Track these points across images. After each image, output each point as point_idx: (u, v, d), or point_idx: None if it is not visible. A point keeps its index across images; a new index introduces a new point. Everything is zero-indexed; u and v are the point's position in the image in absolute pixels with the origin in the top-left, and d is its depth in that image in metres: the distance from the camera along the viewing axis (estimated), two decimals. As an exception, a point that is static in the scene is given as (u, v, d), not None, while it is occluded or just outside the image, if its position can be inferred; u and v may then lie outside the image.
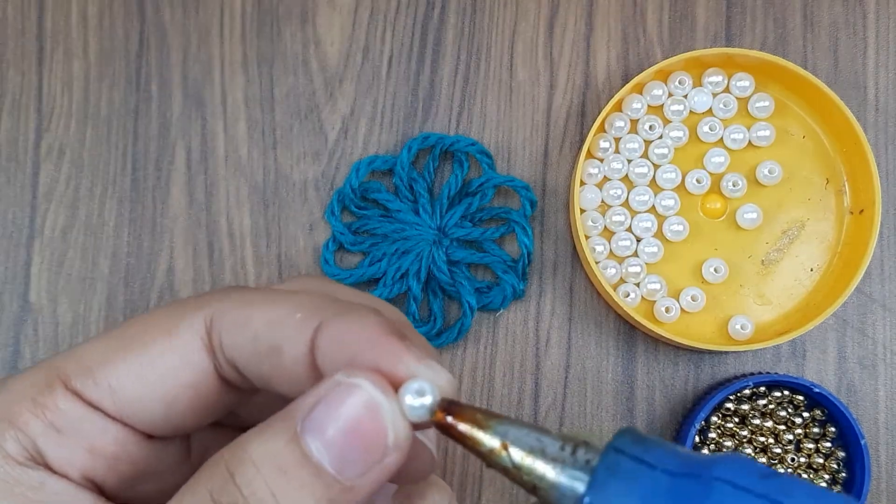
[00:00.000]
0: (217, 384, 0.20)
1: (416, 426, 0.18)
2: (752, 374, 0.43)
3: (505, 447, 0.18)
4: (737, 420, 0.42)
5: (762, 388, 0.42)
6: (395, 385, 0.18)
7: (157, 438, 0.21)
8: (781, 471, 0.41)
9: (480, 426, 0.18)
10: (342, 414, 0.17)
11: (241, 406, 0.22)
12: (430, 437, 0.21)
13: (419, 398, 0.18)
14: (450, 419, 0.18)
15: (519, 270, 0.43)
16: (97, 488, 0.20)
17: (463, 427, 0.18)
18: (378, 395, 0.17)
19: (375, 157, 0.44)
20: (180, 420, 0.20)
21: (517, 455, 0.18)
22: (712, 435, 0.41)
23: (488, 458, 0.18)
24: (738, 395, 0.42)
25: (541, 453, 0.18)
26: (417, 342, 0.19)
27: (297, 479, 0.17)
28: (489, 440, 0.18)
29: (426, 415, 0.18)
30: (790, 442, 0.41)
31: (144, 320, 0.20)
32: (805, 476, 0.41)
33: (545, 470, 0.18)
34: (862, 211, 0.42)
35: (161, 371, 0.20)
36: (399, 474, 0.19)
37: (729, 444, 0.41)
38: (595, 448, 0.18)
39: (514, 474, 0.18)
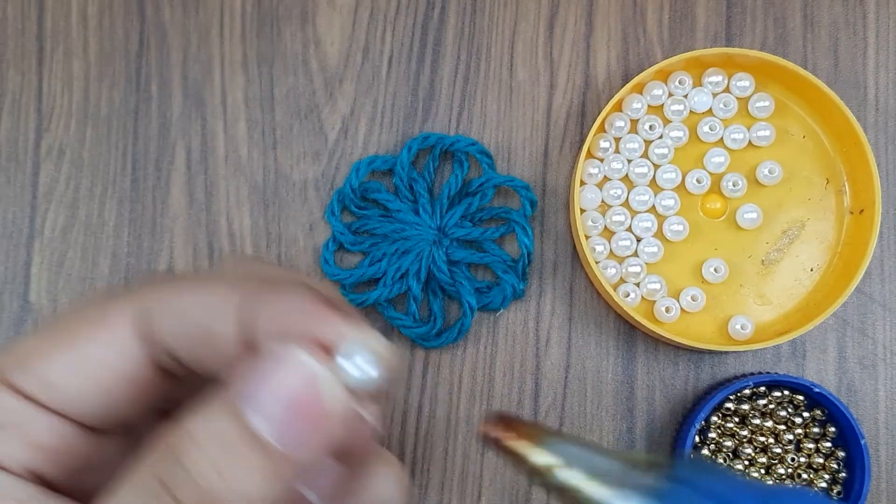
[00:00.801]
0: (154, 373, 0.20)
1: (359, 392, 0.18)
2: (752, 374, 0.43)
3: (559, 467, 0.17)
4: (737, 420, 0.42)
5: (762, 388, 0.42)
6: (333, 354, 0.18)
7: (100, 430, 0.20)
8: (781, 471, 0.41)
9: (534, 442, 0.17)
10: (280, 385, 0.17)
11: (185, 395, 0.22)
12: (370, 410, 0.21)
13: (357, 363, 0.18)
14: (498, 433, 0.17)
15: (519, 270, 0.43)
16: (42, 481, 0.19)
17: (514, 443, 0.17)
18: (312, 363, 0.17)
19: (375, 157, 0.44)
20: (120, 411, 0.20)
21: (574, 476, 0.17)
22: (712, 435, 0.42)
23: (539, 477, 0.17)
24: (738, 395, 0.42)
25: (602, 476, 0.16)
26: (352, 314, 0.19)
27: (240, 454, 0.17)
28: (543, 458, 0.17)
29: (366, 380, 0.18)
30: (790, 442, 0.41)
31: (77, 312, 0.20)
32: (805, 476, 0.41)
33: (604, 495, 0.16)
34: (862, 211, 0.42)
35: (95, 363, 0.19)
36: (342, 448, 0.19)
37: (729, 443, 0.41)
38: (658, 474, 0.16)
39: (568, 495, 0.17)
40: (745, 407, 0.41)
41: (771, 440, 0.42)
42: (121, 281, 0.44)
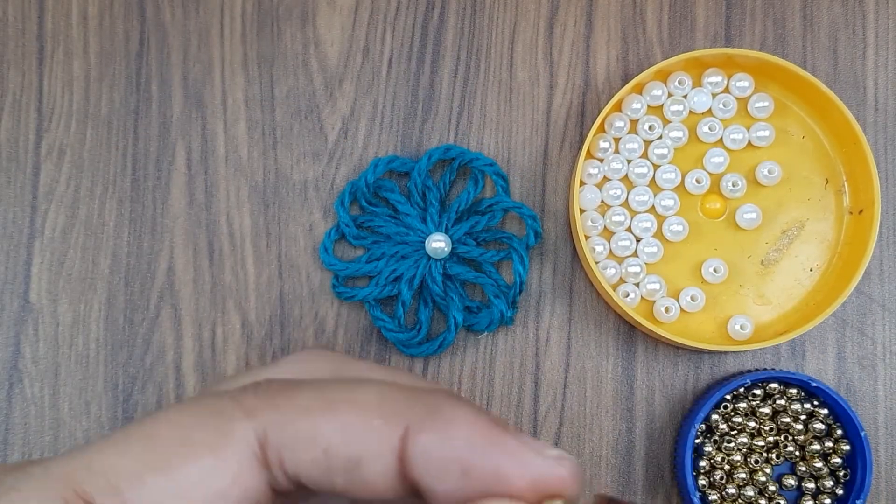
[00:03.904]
0: (271, 496, 0.18)
1: None
2: (749, 371, 0.43)
3: None
4: (738, 419, 0.42)
5: (762, 386, 0.42)
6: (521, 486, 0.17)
7: None
8: (784, 469, 0.41)
9: None
10: None
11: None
12: None
13: None
14: None
15: (510, 298, 0.43)
16: None
17: None
18: None
19: (395, 158, 0.44)
20: None
21: None
22: (713, 434, 0.42)
23: None
24: (738, 393, 0.42)
25: None
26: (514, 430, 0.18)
27: None
28: None
29: None
30: (791, 439, 0.41)
31: (179, 428, 0.17)
32: (804, 468, 0.41)
33: None
34: (861, 211, 0.42)
35: (207, 493, 0.17)
36: None
37: (730, 443, 0.41)
38: None
39: None
40: (743, 405, 0.41)
41: (771, 438, 0.42)
42: (121, 281, 0.44)
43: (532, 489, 0.16)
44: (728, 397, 0.42)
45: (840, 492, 0.41)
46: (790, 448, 0.41)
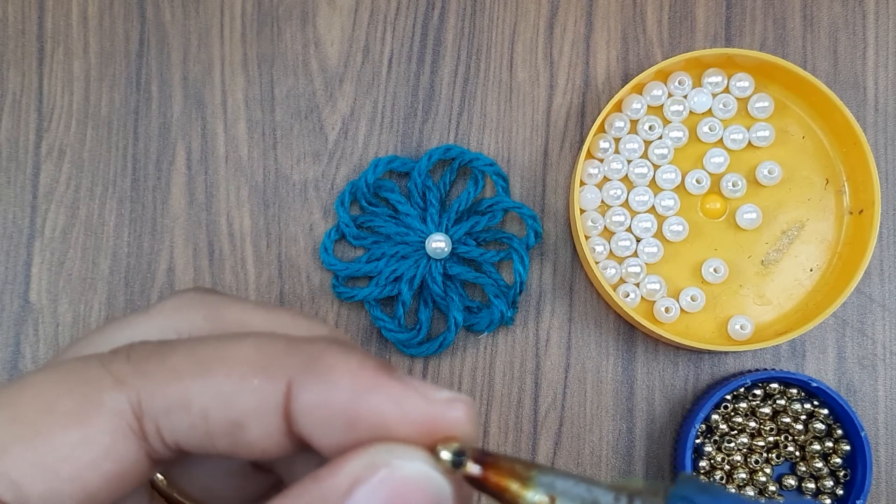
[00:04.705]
0: (149, 463, 0.17)
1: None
2: (749, 371, 0.43)
3: (552, 501, 0.16)
4: (738, 419, 0.42)
5: (762, 386, 0.42)
6: (410, 429, 0.16)
7: None
8: (784, 469, 0.41)
9: (521, 479, 0.16)
10: (398, 499, 0.15)
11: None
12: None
13: (452, 453, 0.16)
14: (485, 472, 0.16)
15: (510, 298, 0.43)
16: None
17: (501, 481, 0.16)
18: (440, 480, 0.16)
19: (395, 158, 0.44)
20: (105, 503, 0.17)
21: None
22: (714, 434, 0.42)
23: None
24: (738, 393, 0.42)
25: None
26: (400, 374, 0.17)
27: None
28: (533, 495, 0.16)
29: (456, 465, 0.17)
30: (791, 439, 0.41)
31: (45, 396, 0.16)
32: (804, 468, 0.41)
33: None
34: (861, 211, 0.42)
35: (76, 466, 0.16)
36: None
37: (731, 443, 0.41)
38: (652, 499, 0.16)
39: None
40: (743, 405, 0.41)
41: (771, 438, 0.42)
42: (121, 281, 0.44)
43: (421, 434, 0.16)
44: (728, 397, 0.42)
45: (840, 492, 0.41)
46: (790, 448, 0.41)
